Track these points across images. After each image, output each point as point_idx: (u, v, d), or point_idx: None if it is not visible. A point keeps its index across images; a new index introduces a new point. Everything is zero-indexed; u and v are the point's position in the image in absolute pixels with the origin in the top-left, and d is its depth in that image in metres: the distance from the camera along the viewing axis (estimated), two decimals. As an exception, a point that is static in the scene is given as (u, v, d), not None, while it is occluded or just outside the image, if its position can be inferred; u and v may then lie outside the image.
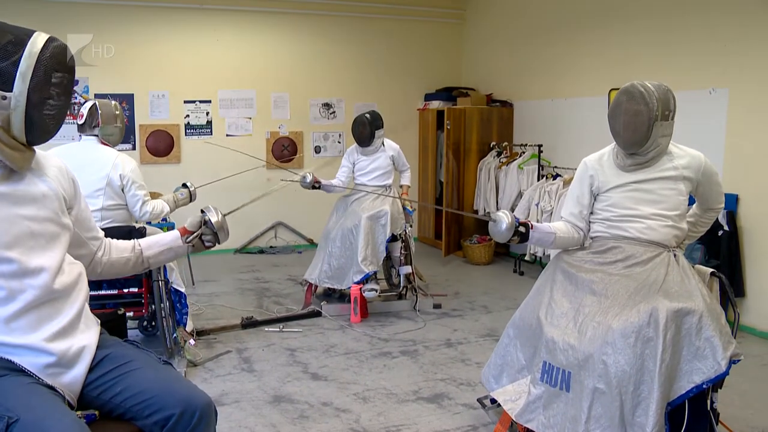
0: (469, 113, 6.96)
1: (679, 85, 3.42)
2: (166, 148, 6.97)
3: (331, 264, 4.84)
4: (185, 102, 7.00)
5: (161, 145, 6.95)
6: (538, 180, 6.20)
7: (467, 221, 6.99)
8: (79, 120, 3.61)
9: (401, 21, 7.77)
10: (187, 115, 7.04)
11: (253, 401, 3.34)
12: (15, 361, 1.53)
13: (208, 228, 2.04)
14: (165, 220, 4.45)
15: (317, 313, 4.80)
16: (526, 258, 6.26)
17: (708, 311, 2.33)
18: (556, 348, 2.48)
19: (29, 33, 1.52)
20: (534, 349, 2.64)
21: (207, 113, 7.10)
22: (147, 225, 3.87)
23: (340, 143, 7.62)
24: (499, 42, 7.36)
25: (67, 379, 1.59)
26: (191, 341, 3.88)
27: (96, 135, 3.61)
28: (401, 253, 4.98)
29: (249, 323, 4.52)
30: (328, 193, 5.18)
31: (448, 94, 7.57)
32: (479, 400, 3.19)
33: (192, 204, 4.24)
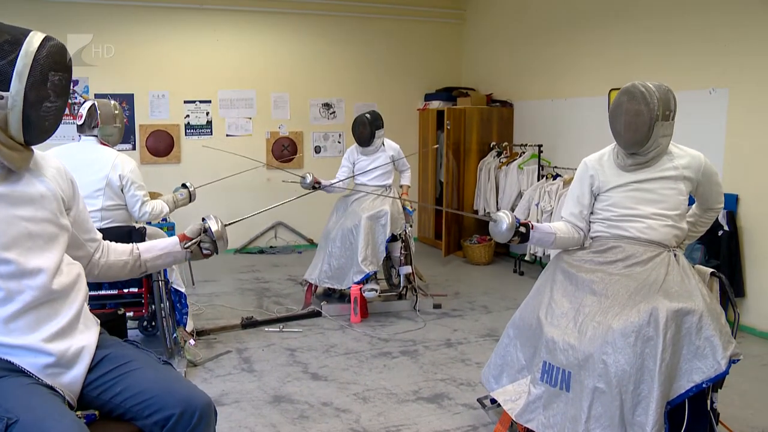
0: (469, 113, 6.96)
1: (679, 85, 3.42)
2: (166, 148, 6.96)
3: (331, 264, 4.84)
4: (185, 102, 7.01)
5: (161, 145, 6.95)
6: (538, 180, 6.20)
7: (467, 221, 6.99)
8: (78, 120, 3.60)
9: (401, 21, 7.77)
10: (187, 115, 7.04)
11: (253, 401, 3.34)
12: (14, 362, 1.53)
13: (207, 236, 2.03)
14: (165, 220, 4.45)
15: (317, 313, 4.80)
16: (526, 258, 6.26)
17: (708, 311, 2.33)
18: (556, 348, 2.48)
19: (25, 32, 1.52)
20: (534, 349, 2.64)
21: (207, 113, 7.10)
22: (147, 225, 3.87)
23: (340, 143, 7.62)
24: (499, 42, 7.36)
25: (67, 380, 1.59)
26: (191, 341, 3.88)
27: (95, 135, 3.61)
28: (401, 253, 4.98)
29: (249, 323, 4.52)
30: (328, 194, 5.18)
31: (448, 94, 7.57)
32: (479, 400, 3.19)
33: (192, 204, 4.25)
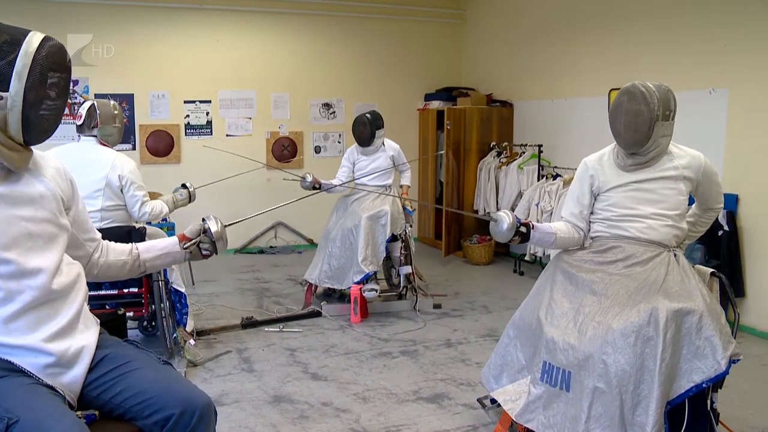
0: (469, 113, 6.96)
1: (679, 85, 3.42)
2: (166, 148, 6.96)
3: (331, 264, 4.84)
4: (185, 102, 7.00)
5: (161, 146, 6.95)
6: (538, 180, 6.20)
7: (467, 221, 6.99)
8: (78, 120, 3.60)
9: (401, 21, 7.77)
10: (187, 115, 7.04)
11: (253, 401, 3.34)
12: (14, 362, 1.53)
13: (207, 237, 2.02)
14: (165, 220, 4.45)
15: (317, 313, 4.80)
16: (526, 258, 6.26)
17: (708, 311, 2.33)
18: (556, 348, 2.48)
19: (25, 32, 1.52)
20: (534, 349, 2.64)
21: (207, 113, 7.10)
22: (147, 225, 3.87)
23: (340, 143, 7.62)
24: (499, 42, 7.36)
25: (67, 379, 1.59)
26: (191, 341, 3.88)
27: (95, 135, 3.60)
28: (401, 253, 4.98)
29: (249, 323, 4.52)
30: (328, 194, 5.18)
31: (448, 94, 7.57)
32: (479, 400, 3.19)
33: (192, 204, 4.25)
